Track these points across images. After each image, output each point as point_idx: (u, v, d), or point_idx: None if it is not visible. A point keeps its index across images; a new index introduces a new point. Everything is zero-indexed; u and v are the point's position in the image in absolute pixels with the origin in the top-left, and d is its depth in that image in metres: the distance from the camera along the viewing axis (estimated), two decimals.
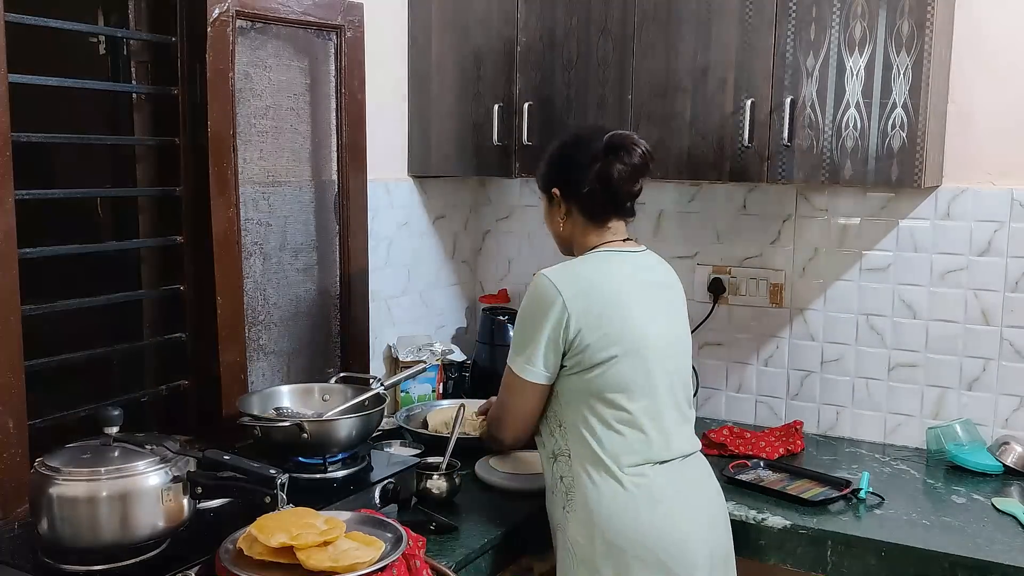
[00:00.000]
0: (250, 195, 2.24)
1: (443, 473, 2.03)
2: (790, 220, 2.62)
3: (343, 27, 2.41)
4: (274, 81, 2.29)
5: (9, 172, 1.73)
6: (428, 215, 2.90)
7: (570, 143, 1.93)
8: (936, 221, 2.44)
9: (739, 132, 2.28)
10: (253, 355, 2.29)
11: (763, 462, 2.34)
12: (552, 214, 1.95)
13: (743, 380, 2.74)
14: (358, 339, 2.57)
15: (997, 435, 2.39)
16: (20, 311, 1.77)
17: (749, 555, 2.04)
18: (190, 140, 2.11)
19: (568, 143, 1.93)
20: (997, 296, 2.38)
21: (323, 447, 1.96)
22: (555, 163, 1.93)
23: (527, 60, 2.55)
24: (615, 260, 1.88)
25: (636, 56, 2.40)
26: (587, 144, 1.87)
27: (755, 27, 2.25)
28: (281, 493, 1.53)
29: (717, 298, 2.73)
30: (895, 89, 2.14)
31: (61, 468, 1.52)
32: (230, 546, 1.53)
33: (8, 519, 1.74)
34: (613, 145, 1.84)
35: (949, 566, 1.85)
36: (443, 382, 2.79)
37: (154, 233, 2.18)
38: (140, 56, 2.13)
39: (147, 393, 2.15)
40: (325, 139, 2.45)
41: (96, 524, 1.52)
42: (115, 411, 1.60)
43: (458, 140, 2.69)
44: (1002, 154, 2.35)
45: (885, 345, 2.53)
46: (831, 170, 2.21)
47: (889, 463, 2.39)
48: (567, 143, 1.93)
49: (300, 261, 2.41)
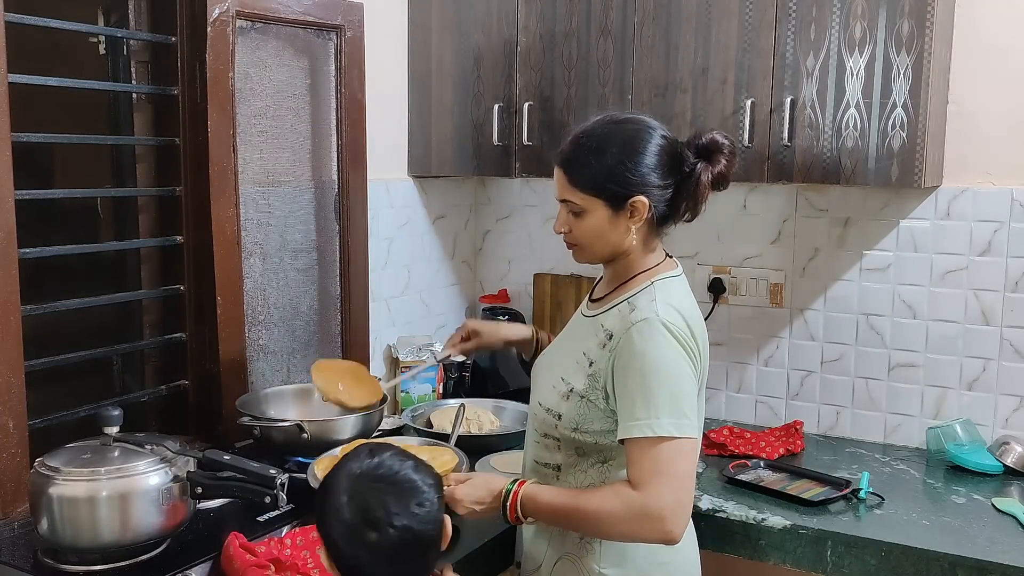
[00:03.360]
0: (250, 195, 2.24)
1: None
2: (790, 220, 2.62)
3: (343, 27, 2.41)
4: (274, 81, 2.29)
5: (9, 172, 1.73)
6: (428, 215, 2.90)
7: (663, 143, 1.63)
8: (936, 221, 2.43)
9: (739, 132, 2.28)
10: (253, 355, 2.29)
11: (763, 462, 2.34)
12: (617, 225, 1.63)
13: (743, 380, 2.74)
14: (358, 339, 2.56)
15: (997, 435, 2.39)
16: (20, 311, 1.77)
17: (749, 555, 2.04)
18: (190, 140, 2.11)
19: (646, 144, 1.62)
20: (997, 296, 2.38)
21: (323, 447, 1.96)
22: (640, 169, 1.60)
23: (527, 60, 2.55)
24: (687, 292, 1.70)
25: (636, 56, 2.41)
26: (677, 145, 1.64)
27: (755, 27, 2.26)
28: (281, 493, 1.53)
29: (717, 298, 2.73)
30: (895, 89, 2.14)
31: (61, 468, 1.53)
32: None
33: (8, 519, 1.74)
34: (713, 145, 1.63)
35: (949, 566, 1.85)
36: (443, 382, 2.79)
37: (154, 233, 2.18)
38: (140, 56, 2.13)
39: (147, 393, 2.16)
40: (325, 139, 2.45)
41: (96, 524, 1.52)
42: (115, 411, 1.60)
43: (458, 140, 2.69)
44: (1002, 154, 2.35)
45: (885, 345, 2.53)
46: (831, 170, 2.21)
47: (889, 463, 2.39)
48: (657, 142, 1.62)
49: (300, 261, 2.41)
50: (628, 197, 1.61)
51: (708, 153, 1.63)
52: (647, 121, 1.65)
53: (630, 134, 1.63)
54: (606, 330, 1.63)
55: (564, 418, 1.65)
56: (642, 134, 1.63)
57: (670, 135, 1.65)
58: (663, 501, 1.49)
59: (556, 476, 1.70)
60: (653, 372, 1.54)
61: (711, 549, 1.86)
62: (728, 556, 2.04)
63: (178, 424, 2.20)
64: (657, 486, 1.49)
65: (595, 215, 1.63)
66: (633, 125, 1.65)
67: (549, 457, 1.71)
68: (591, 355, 1.64)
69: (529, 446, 1.78)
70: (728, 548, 2.04)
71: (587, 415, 1.63)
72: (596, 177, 1.62)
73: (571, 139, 1.67)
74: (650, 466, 1.51)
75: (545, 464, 1.72)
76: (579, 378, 1.64)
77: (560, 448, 1.68)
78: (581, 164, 1.63)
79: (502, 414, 2.60)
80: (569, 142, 1.67)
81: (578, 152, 1.64)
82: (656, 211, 1.63)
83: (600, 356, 1.62)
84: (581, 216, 1.65)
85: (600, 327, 1.65)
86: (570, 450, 1.68)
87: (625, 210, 1.62)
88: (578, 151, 1.64)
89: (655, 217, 1.64)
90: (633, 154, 1.60)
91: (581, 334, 1.71)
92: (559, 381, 1.68)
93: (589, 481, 1.66)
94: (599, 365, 1.62)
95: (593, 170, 1.62)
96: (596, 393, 1.62)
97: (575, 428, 1.64)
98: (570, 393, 1.65)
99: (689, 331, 1.60)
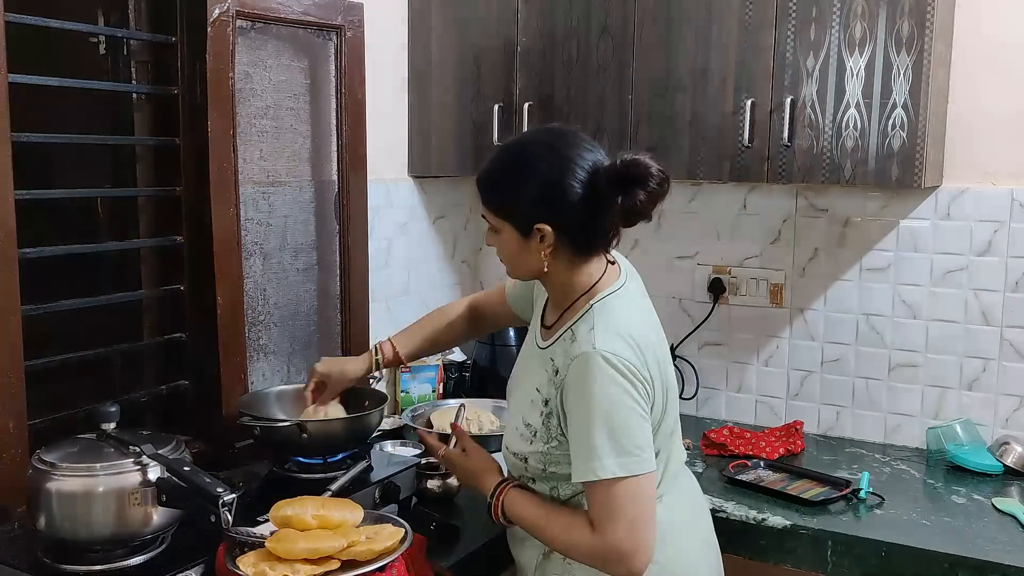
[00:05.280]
0: (250, 195, 2.24)
1: (443, 473, 2.02)
2: (790, 220, 2.62)
3: (343, 27, 2.41)
4: (274, 81, 2.29)
5: (9, 172, 1.73)
6: (428, 215, 2.90)
7: (562, 169, 1.53)
8: (936, 221, 2.43)
9: (739, 132, 2.28)
10: (253, 355, 2.29)
11: (763, 462, 2.34)
12: (528, 248, 1.58)
13: (743, 380, 2.74)
14: (358, 339, 2.56)
15: (997, 435, 2.39)
16: (20, 311, 1.77)
17: (749, 555, 2.04)
18: (190, 140, 2.11)
19: (558, 169, 1.53)
20: (997, 296, 2.38)
21: (323, 447, 1.95)
22: (546, 195, 1.54)
23: (527, 60, 2.55)
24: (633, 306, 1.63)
25: (636, 56, 2.40)
26: (587, 172, 1.53)
27: (755, 27, 2.25)
28: (226, 514, 1.45)
29: (717, 298, 2.73)
30: (895, 89, 2.13)
31: (58, 464, 1.53)
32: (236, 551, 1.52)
33: (8, 519, 1.74)
34: (630, 175, 1.51)
35: (949, 566, 1.85)
36: (443, 382, 2.79)
37: (154, 233, 2.18)
38: (140, 56, 2.13)
39: (147, 393, 2.15)
40: (325, 139, 2.45)
41: (77, 517, 1.53)
42: (112, 408, 1.60)
43: (458, 140, 2.69)
44: (1002, 154, 2.35)
45: (885, 345, 2.53)
46: (831, 170, 2.21)
47: (889, 463, 2.39)
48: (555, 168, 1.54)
49: (300, 261, 2.41)
50: (533, 223, 1.55)
51: (625, 181, 1.50)
52: (568, 142, 1.57)
53: (544, 157, 1.55)
54: (553, 365, 1.59)
55: (531, 459, 1.63)
56: (556, 159, 1.54)
57: (589, 160, 1.55)
58: (620, 544, 1.48)
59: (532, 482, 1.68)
60: (593, 412, 1.49)
61: None
62: (728, 556, 2.03)
63: (178, 424, 2.19)
64: (612, 528, 1.48)
65: (506, 236, 1.60)
66: (550, 147, 1.56)
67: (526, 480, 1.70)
68: (544, 391, 1.61)
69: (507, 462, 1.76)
70: (728, 548, 2.03)
71: (553, 457, 1.60)
72: (504, 200, 1.58)
73: (490, 156, 1.64)
74: (602, 509, 1.49)
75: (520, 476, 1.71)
76: (537, 419, 1.61)
77: (536, 482, 1.67)
78: (491, 185, 1.60)
79: (502, 414, 2.60)
80: (488, 159, 1.64)
81: (491, 171, 1.61)
82: (568, 238, 1.56)
83: (551, 393, 1.58)
84: (498, 234, 1.62)
85: (549, 361, 1.61)
86: (544, 487, 1.66)
87: (534, 235, 1.56)
88: (491, 170, 1.61)
89: (571, 243, 1.57)
90: (542, 181, 1.54)
91: (534, 368, 1.67)
92: (520, 423, 1.65)
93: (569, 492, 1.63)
94: (553, 403, 1.58)
95: (501, 192, 1.59)
96: (556, 431, 1.58)
97: (543, 468, 1.62)
98: (533, 437, 1.62)
99: (634, 354, 1.52)
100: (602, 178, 1.53)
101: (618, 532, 1.48)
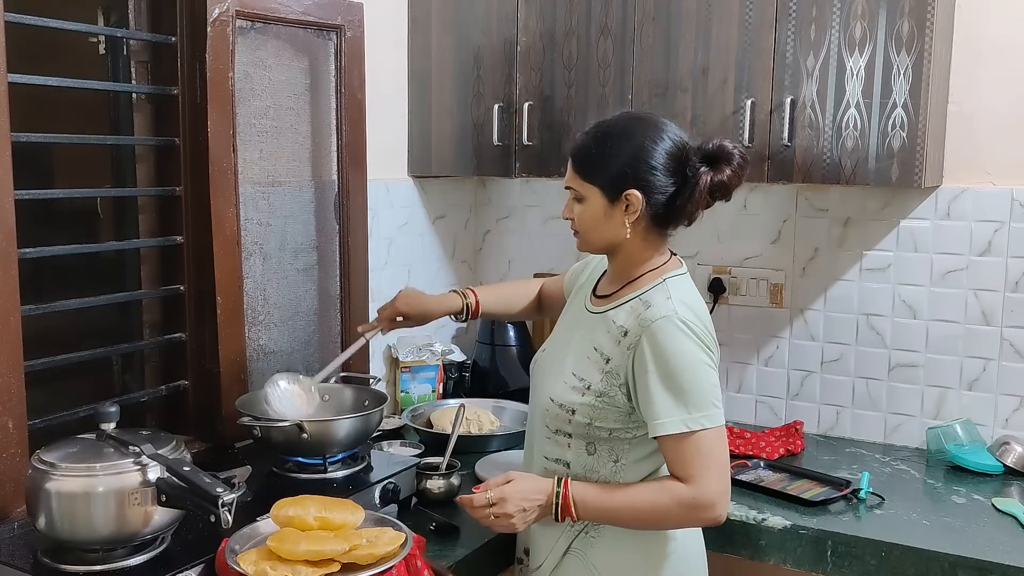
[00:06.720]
0: (250, 195, 2.24)
1: (443, 473, 2.03)
2: (790, 220, 2.62)
3: (343, 27, 2.41)
4: (274, 81, 2.29)
5: (9, 172, 1.73)
6: (428, 215, 2.90)
7: (669, 144, 1.64)
8: (936, 221, 2.43)
9: (739, 132, 2.28)
10: (253, 355, 2.29)
11: (763, 462, 2.34)
12: (612, 216, 1.67)
13: (743, 380, 2.74)
14: (358, 339, 2.56)
15: (997, 435, 2.39)
16: (20, 311, 1.77)
17: (749, 555, 2.04)
18: (190, 140, 2.11)
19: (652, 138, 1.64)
20: (997, 296, 2.38)
21: (323, 447, 1.96)
22: (639, 162, 1.63)
23: (527, 60, 2.55)
24: (696, 293, 1.72)
25: (636, 56, 2.41)
26: (678, 147, 1.65)
27: (755, 27, 2.25)
28: (226, 514, 1.45)
29: (717, 298, 2.73)
30: (895, 89, 2.14)
31: (57, 464, 1.53)
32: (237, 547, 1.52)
33: (8, 519, 1.74)
34: (719, 152, 1.64)
35: (949, 566, 1.85)
36: (443, 382, 2.79)
37: (154, 233, 2.18)
38: (140, 56, 2.13)
39: (147, 393, 2.15)
40: (325, 139, 2.45)
41: (77, 517, 1.52)
42: (112, 408, 1.60)
43: (458, 140, 2.69)
44: (1002, 154, 2.35)
45: (885, 345, 2.53)
46: (831, 170, 2.21)
47: (889, 463, 2.39)
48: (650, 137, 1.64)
49: (300, 261, 2.41)
50: (623, 189, 1.64)
51: (714, 160, 1.65)
52: (660, 121, 1.68)
53: (637, 129, 1.66)
54: (619, 326, 1.66)
55: (578, 413, 1.67)
56: (649, 131, 1.66)
57: (680, 138, 1.67)
58: (712, 490, 1.58)
59: (567, 472, 1.71)
60: (680, 369, 1.58)
61: (711, 549, 1.86)
62: (728, 556, 2.04)
63: (178, 424, 2.19)
64: (707, 477, 1.58)
65: (592, 203, 1.68)
66: (644, 122, 1.68)
67: (559, 453, 1.72)
68: (605, 351, 1.66)
69: (536, 444, 1.79)
70: (728, 548, 2.04)
71: (603, 412, 1.66)
72: (596, 166, 1.67)
73: (586, 129, 1.74)
74: (694, 459, 1.58)
75: (556, 460, 1.73)
76: (595, 374, 1.66)
77: (571, 445, 1.70)
78: (585, 152, 1.69)
79: (502, 414, 2.61)
80: (583, 131, 1.73)
81: (586, 140, 1.70)
82: (652, 208, 1.65)
83: (616, 353, 1.64)
84: (582, 203, 1.70)
85: (611, 323, 1.67)
86: (581, 447, 1.69)
87: (620, 202, 1.65)
88: (586, 140, 1.71)
89: (653, 214, 1.66)
90: (636, 148, 1.64)
91: (588, 329, 1.73)
92: (571, 377, 1.70)
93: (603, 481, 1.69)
94: (617, 362, 1.64)
95: (594, 159, 1.67)
96: (615, 391, 1.64)
97: (589, 423, 1.67)
98: (586, 390, 1.67)
99: (704, 327, 1.64)
100: (692, 154, 1.65)
101: (713, 476, 1.58)
